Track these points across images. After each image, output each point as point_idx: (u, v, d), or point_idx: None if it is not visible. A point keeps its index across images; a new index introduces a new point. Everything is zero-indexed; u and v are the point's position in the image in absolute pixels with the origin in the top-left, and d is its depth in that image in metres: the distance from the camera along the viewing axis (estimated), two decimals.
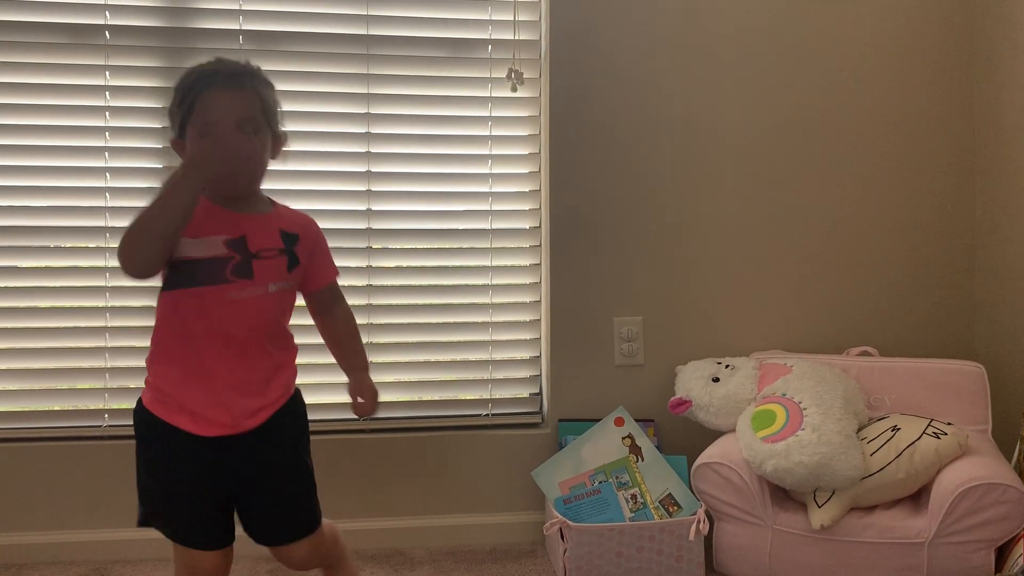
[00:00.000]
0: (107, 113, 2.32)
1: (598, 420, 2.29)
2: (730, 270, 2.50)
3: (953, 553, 1.94)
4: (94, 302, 2.33)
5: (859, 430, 2.11)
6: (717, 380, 2.30)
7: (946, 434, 2.02)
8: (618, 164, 2.45)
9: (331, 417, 2.34)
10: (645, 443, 2.24)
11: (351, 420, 2.31)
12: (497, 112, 2.47)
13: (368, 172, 2.42)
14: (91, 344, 2.33)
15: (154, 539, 1.66)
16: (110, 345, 2.33)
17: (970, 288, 2.59)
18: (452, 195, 2.46)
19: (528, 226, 2.50)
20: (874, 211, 2.55)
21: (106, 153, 2.32)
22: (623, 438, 2.25)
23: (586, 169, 2.44)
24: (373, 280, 2.42)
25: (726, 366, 2.33)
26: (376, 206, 2.43)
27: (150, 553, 2.22)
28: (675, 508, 2.17)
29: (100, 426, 2.32)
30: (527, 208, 2.50)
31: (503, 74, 2.40)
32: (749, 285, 2.51)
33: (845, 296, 2.54)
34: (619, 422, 2.27)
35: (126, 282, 2.33)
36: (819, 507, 2.00)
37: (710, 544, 2.14)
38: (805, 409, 2.09)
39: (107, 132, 2.32)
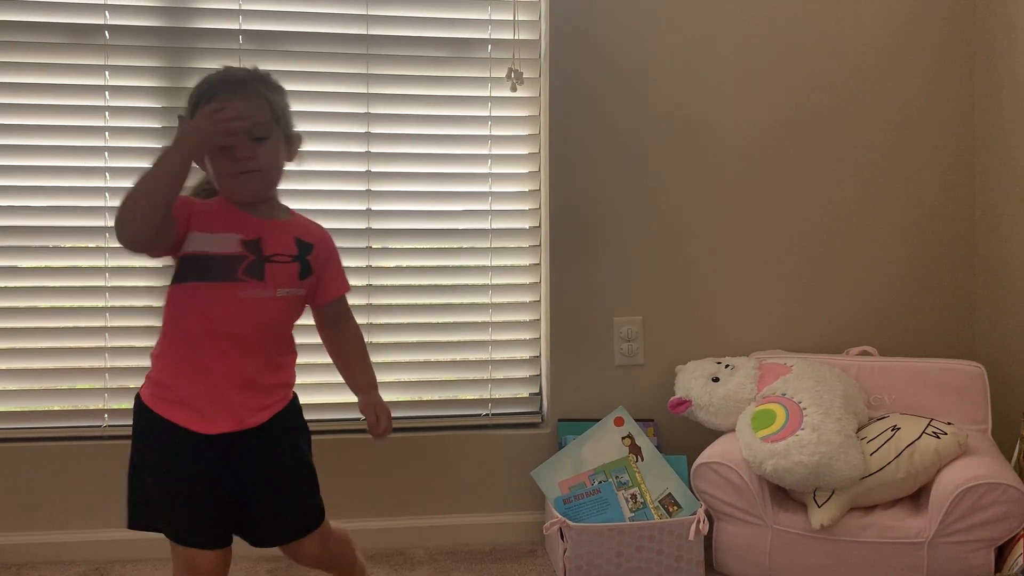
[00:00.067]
0: (107, 113, 2.32)
1: (598, 420, 2.29)
2: (730, 270, 2.50)
3: (953, 553, 1.94)
4: (94, 302, 2.33)
5: (859, 430, 2.11)
6: (717, 380, 2.30)
7: (946, 434, 2.02)
8: (618, 164, 2.45)
9: (331, 417, 2.34)
10: (645, 443, 2.24)
11: (351, 420, 2.32)
12: (497, 112, 2.47)
13: (368, 172, 2.42)
14: (91, 344, 2.32)
15: (154, 539, 1.66)
16: (110, 345, 2.33)
17: (970, 288, 2.58)
18: (452, 195, 2.46)
19: (528, 226, 2.50)
20: (874, 211, 2.55)
21: (106, 153, 2.32)
22: (623, 438, 2.25)
23: (586, 169, 2.44)
24: (373, 280, 2.42)
25: (726, 366, 2.33)
26: (376, 206, 2.43)
27: (150, 553, 2.21)
28: (675, 508, 2.17)
29: (100, 426, 2.32)
30: (527, 208, 2.50)
31: (503, 74, 2.40)
32: (749, 285, 2.50)
33: (845, 296, 2.54)
34: (619, 422, 2.26)
35: (126, 282, 2.35)
36: (819, 507, 2.00)
37: (710, 544, 2.14)
38: (805, 409, 2.09)
39: (107, 132, 2.32)
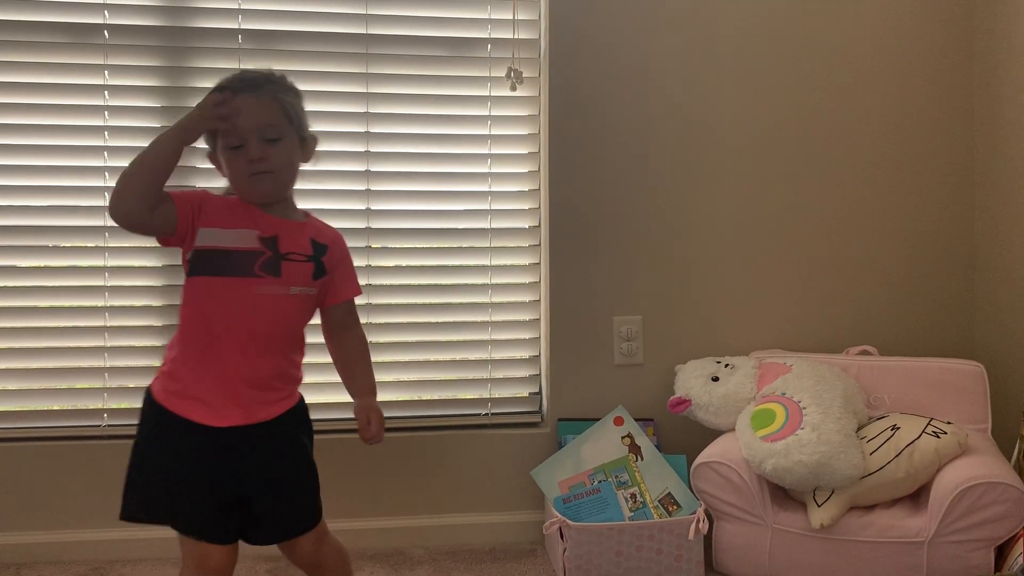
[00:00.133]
0: (106, 112, 2.32)
1: (597, 419, 2.28)
2: (730, 269, 2.50)
3: (953, 552, 1.94)
4: (93, 302, 2.33)
5: (859, 429, 2.11)
6: (716, 379, 2.29)
7: (946, 433, 2.02)
8: (618, 163, 2.45)
9: (331, 417, 2.34)
10: (644, 442, 2.24)
11: (351, 420, 2.31)
12: (496, 111, 2.47)
13: (367, 171, 2.42)
14: (90, 344, 2.32)
15: (153, 539, 1.66)
16: (109, 345, 2.32)
17: (970, 288, 2.58)
18: (451, 194, 2.46)
19: (527, 225, 2.50)
20: (874, 211, 2.55)
21: (105, 152, 2.32)
22: (622, 437, 2.25)
23: (585, 168, 2.44)
24: (372, 280, 2.42)
25: (725, 365, 2.33)
26: (375, 205, 2.42)
27: (150, 553, 2.21)
28: (674, 507, 2.17)
29: (99, 425, 2.31)
30: (526, 207, 2.50)
31: (502, 73, 2.40)
32: (749, 284, 2.50)
33: (845, 296, 2.54)
34: (618, 421, 2.26)
35: (126, 281, 2.35)
36: (819, 506, 2.00)
37: (710, 543, 2.14)
38: (804, 408, 2.09)
39: (106, 131, 2.32)
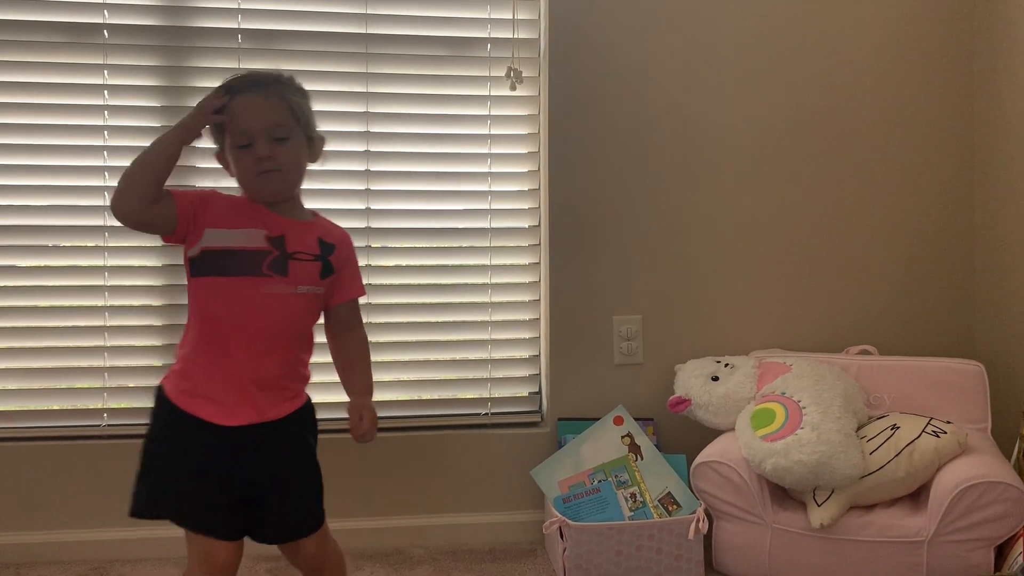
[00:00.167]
0: (106, 112, 2.32)
1: (597, 419, 2.28)
2: (730, 269, 2.50)
3: (952, 552, 1.94)
4: (93, 301, 2.33)
5: (858, 429, 2.10)
6: (716, 379, 2.29)
7: (945, 433, 2.02)
8: (617, 163, 2.45)
9: (331, 416, 2.34)
10: (644, 442, 2.24)
11: (347, 419, 2.31)
12: (496, 111, 2.47)
13: (367, 171, 2.42)
14: (90, 343, 2.32)
15: (154, 539, 1.66)
16: (109, 344, 2.32)
17: (970, 288, 2.58)
18: (451, 194, 2.46)
19: (527, 225, 2.50)
20: (874, 211, 2.54)
21: (105, 152, 2.32)
22: (622, 437, 2.25)
23: (585, 168, 2.44)
24: (372, 279, 2.42)
25: (725, 365, 2.33)
26: (375, 205, 2.42)
27: (149, 553, 2.21)
28: (674, 507, 2.16)
29: (99, 425, 2.31)
30: (526, 207, 2.50)
31: (502, 73, 2.40)
32: (749, 284, 2.50)
33: (845, 295, 2.54)
34: (618, 421, 2.26)
35: (125, 281, 2.35)
36: (818, 506, 2.00)
37: (709, 543, 2.14)
38: (804, 408, 2.09)
39: (106, 131, 2.32)
